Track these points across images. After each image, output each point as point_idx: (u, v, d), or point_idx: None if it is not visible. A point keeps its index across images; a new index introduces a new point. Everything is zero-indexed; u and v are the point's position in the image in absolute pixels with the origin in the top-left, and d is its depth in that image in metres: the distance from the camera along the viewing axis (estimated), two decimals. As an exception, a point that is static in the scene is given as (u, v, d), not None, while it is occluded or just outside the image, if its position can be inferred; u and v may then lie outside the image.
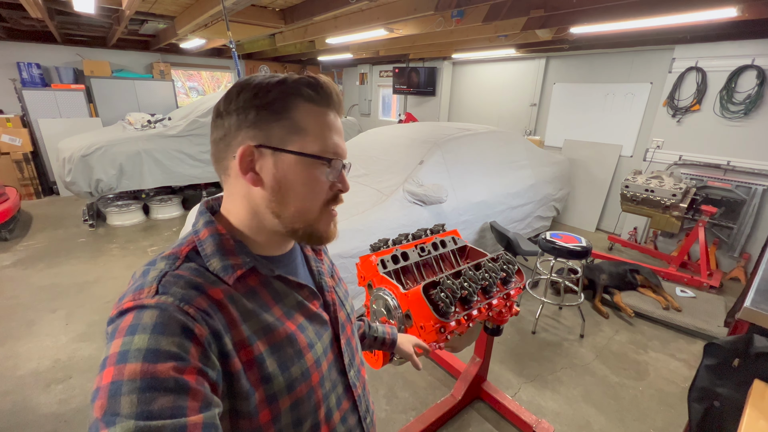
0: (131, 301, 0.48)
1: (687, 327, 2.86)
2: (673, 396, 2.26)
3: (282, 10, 4.02)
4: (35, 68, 5.50)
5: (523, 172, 3.78)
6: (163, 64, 6.71)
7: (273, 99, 0.55)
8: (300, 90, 0.56)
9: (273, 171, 0.56)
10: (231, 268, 0.55)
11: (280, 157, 0.56)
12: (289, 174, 0.56)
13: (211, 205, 0.64)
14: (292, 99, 0.56)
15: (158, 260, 0.54)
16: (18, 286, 3.18)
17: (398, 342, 1.07)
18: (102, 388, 0.41)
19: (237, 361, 0.51)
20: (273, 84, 0.56)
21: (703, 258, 3.49)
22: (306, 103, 0.56)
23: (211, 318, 0.50)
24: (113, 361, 0.43)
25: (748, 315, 1.13)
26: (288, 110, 0.55)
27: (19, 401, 2.06)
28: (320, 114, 0.58)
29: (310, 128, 0.56)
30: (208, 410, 0.44)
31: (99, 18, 4.29)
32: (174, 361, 0.44)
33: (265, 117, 0.55)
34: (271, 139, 0.55)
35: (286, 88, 0.56)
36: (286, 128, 0.55)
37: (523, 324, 2.90)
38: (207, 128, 4.78)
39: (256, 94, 0.55)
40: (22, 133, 5.27)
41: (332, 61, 7.77)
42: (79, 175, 4.07)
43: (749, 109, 3.51)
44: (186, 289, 0.50)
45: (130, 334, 0.44)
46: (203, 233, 0.58)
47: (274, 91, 0.55)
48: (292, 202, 0.57)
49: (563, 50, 4.73)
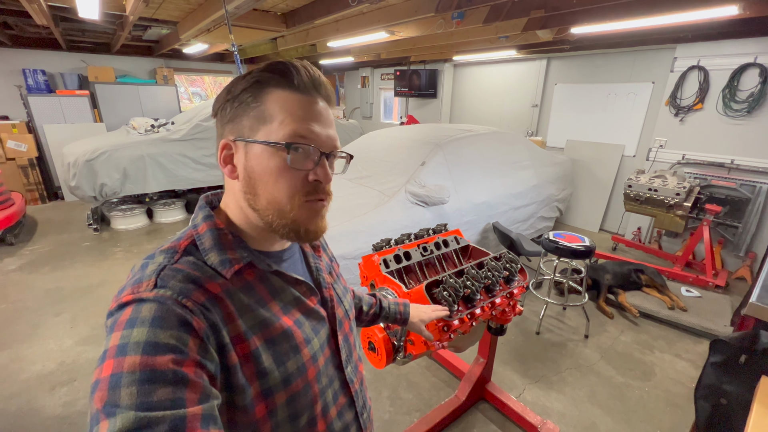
0: (130, 294, 0.48)
1: (693, 327, 2.84)
2: (680, 396, 2.23)
3: (284, 13, 4.05)
4: (40, 75, 5.56)
5: (526, 173, 3.78)
6: (166, 69, 6.78)
7: (242, 90, 0.56)
8: (267, 77, 0.55)
9: (244, 162, 0.56)
10: (228, 263, 0.55)
11: (249, 147, 0.56)
12: (256, 164, 0.55)
13: (211, 200, 0.65)
14: (260, 87, 0.55)
15: (157, 254, 0.55)
16: (23, 290, 3.21)
17: (410, 320, 1.07)
18: (102, 380, 0.42)
19: (234, 355, 0.52)
20: (242, 76, 0.57)
21: (708, 257, 3.46)
22: (275, 90, 0.55)
23: (209, 312, 0.50)
24: (113, 353, 0.43)
25: (754, 311, 1.12)
26: (257, 99, 0.55)
27: (24, 404, 2.07)
28: (290, 99, 0.55)
29: (277, 115, 0.55)
30: (207, 402, 0.44)
31: (103, 24, 4.34)
32: (173, 354, 0.44)
33: (237, 110, 0.56)
34: (243, 131, 0.56)
35: (252, 77, 0.56)
36: (254, 118, 0.55)
37: (527, 325, 2.89)
38: (209, 132, 4.81)
39: (229, 90, 0.57)
40: (28, 139, 5.32)
41: (334, 64, 7.81)
42: (84, 180, 4.10)
43: (752, 107, 3.49)
44: (184, 282, 0.50)
45: (129, 327, 0.45)
46: (202, 227, 0.58)
47: (242, 83, 0.56)
48: (262, 193, 0.56)
49: (564, 51, 4.73)
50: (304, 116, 0.56)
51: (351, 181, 3.17)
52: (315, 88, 0.58)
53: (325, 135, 0.58)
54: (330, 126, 0.59)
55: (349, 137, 6.23)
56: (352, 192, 2.95)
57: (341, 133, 6.32)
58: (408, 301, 1.11)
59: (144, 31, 5.02)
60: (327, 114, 0.59)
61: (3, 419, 1.97)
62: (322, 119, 0.58)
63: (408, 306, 1.09)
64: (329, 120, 0.59)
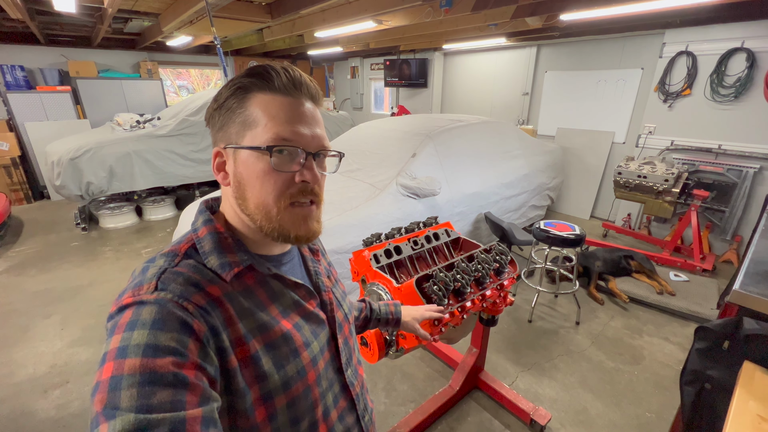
0: (130, 297, 0.48)
1: (681, 310, 2.90)
2: (667, 379, 2.29)
3: (268, 4, 3.96)
4: (19, 71, 5.39)
5: (516, 162, 3.78)
6: (150, 62, 6.61)
7: (226, 98, 0.56)
8: (248, 82, 0.56)
9: (233, 168, 0.57)
10: (229, 266, 0.56)
11: (237, 153, 0.57)
12: (243, 169, 0.56)
13: (211, 205, 0.65)
14: (243, 93, 0.56)
15: (158, 257, 0.55)
16: (11, 293, 3.16)
17: (402, 320, 1.06)
18: (102, 383, 0.42)
19: (234, 358, 0.52)
20: (226, 85, 0.57)
21: (696, 242, 3.52)
22: (257, 94, 0.55)
23: (209, 315, 0.50)
24: (113, 356, 0.43)
25: (737, 298, 1.14)
26: (242, 106, 0.56)
27: (17, 408, 2.05)
28: (272, 102, 0.55)
29: (260, 119, 0.55)
30: (207, 404, 0.45)
31: (81, 17, 4.20)
32: (173, 356, 0.44)
33: (224, 118, 0.57)
34: (231, 138, 0.57)
35: (234, 83, 0.56)
36: (240, 124, 0.56)
37: (520, 313, 2.93)
38: (197, 127, 4.72)
39: (216, 99, 0.58)
40: (9, 138, 5.18)
41: (323, 55, 7.68)
42: (69, 179, 4.02)
43: (739, 92, 3.52)
44: (184, 285, 0.51)
45: (129, 330, 0.45)
46: (202, 231, 0.59)
47: (227, 90, 0.57)
48: (250, 197, 0.57)
49: (554, 38, 4.70)
50: (286, 118, 0.56)
51: (342, 174, 3.14)
52: (297, 88, 0.57)
53: (311, 135, 0.57)
54: (316, 125, 0.59)
55: (339, 129, 6.16)
56: (343, 185, 2.93)
57: (331, 125, 6.25)
58: (399, 302, 1.11)
59: (125, 24, 4.88)
60: (313, 113, 0.59)
61: (-5, 424, 1.96)
62: (307, 119, 0.58)
63: (399, 306, 1.08)
64: (315, 119, 0.59)
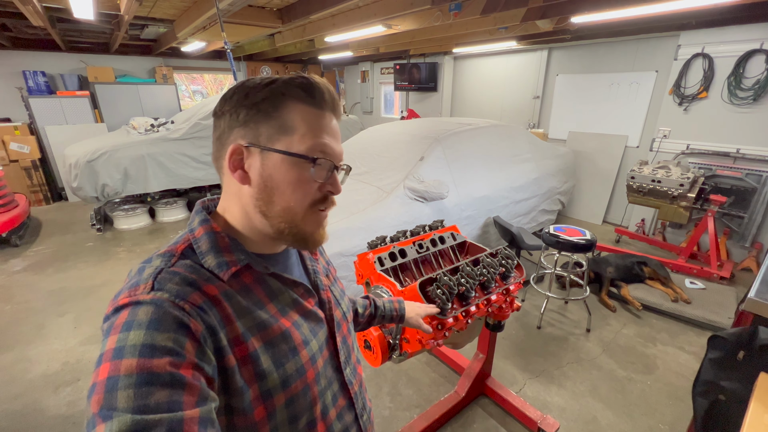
0: (127, 297, 0.48)
1: (696, 319, 2.81)
2: (682, 389, 2.21)
3: (279, 9, 4.01)
4: (41, 76, 5.58)
5: (526, 166, 3.73)
6: (165, 68, 6.77)
7: (262, 99, 0.56)
8: (290, 90, 0.56)
9: (260, 169, 0.57)
10: (226, 265, 0.56)
11: (267, 155, 0.56)
12: (275, 173, 0.56)
13: (207, 205, 0.66)
14: (282, 99, 0.56)
15: (154, 258, 0.55)
16: (29, 291, 3.25)
17: (406, 316, 1.08)
18: (98, 384, 0.42)
19: (232, 357, 0.52)
20: (263, 84, 0.57)
21: (713, 248, 3.41)
22: (296, 103, 0.56)
23: (206, 314, 0.50)
24: (109, 356, 0.43)
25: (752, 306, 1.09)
26: (277, 110, 0.56)
27: (29, 404, 2.10)
28: (310, 114, 0.57)
29: (298, 128, 0.56)
30: (205, 404, 0.45)
31: (99, 24, 4.32)
32: (170, 356, 0.44)
33: (254, 116, 0.56)
34: (260, 138, 0.56)
35: (275, 87, 0.56)
36: (274, 128, 0.56)
37: (528, 319, 2.87)
38: (209, 131, 4.80)
39: (247, 94, 0.57)
40: (30, 141, 5.36)
41: (333, 59, 7.75)
42: (85, 181, 4.13)
43: (758, 94, 3.41)
44: (181, 285, 0.51)
45: (125, 330, 0.45)
46: (198, 231, 0.59)
47: (263, 91, 0.56)
48: (278, 201, 0.57)
49: (565, 41, 4.65)
50: (322, 132, 0.58)
51: (349, 177, 3.14)
52: (329, 104, 0.59)
53: (339, 150, 0.61)
54: (339, 140, 0.63)
55: (349, 132, 6.19)
56: (351, 188, 2.93)
57: (341, 128, 6.20)
58: (402, 298, 1.12)
59: (141, 30, 5.00)
60: (338, 129, 0.62)
61: (8, 419, 2.00)
62: (335, 134, 0.61)
63: (402, 302, 1.10)
64: (339, 134, 0.63)
